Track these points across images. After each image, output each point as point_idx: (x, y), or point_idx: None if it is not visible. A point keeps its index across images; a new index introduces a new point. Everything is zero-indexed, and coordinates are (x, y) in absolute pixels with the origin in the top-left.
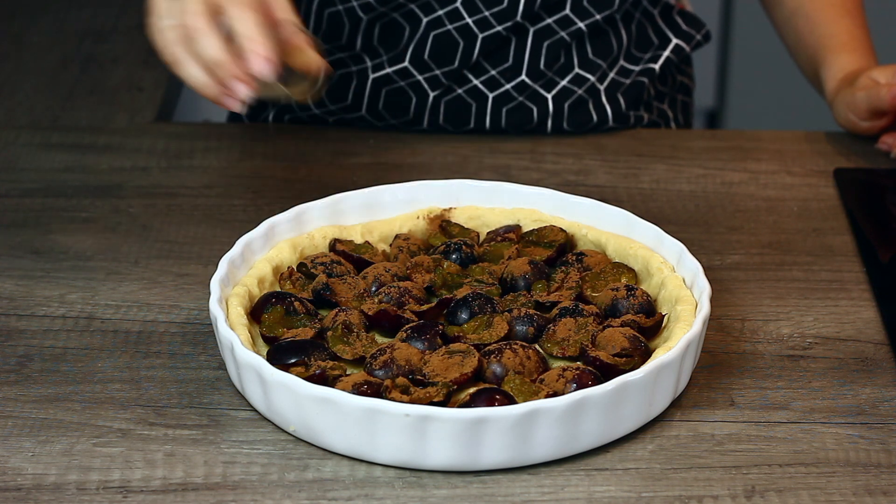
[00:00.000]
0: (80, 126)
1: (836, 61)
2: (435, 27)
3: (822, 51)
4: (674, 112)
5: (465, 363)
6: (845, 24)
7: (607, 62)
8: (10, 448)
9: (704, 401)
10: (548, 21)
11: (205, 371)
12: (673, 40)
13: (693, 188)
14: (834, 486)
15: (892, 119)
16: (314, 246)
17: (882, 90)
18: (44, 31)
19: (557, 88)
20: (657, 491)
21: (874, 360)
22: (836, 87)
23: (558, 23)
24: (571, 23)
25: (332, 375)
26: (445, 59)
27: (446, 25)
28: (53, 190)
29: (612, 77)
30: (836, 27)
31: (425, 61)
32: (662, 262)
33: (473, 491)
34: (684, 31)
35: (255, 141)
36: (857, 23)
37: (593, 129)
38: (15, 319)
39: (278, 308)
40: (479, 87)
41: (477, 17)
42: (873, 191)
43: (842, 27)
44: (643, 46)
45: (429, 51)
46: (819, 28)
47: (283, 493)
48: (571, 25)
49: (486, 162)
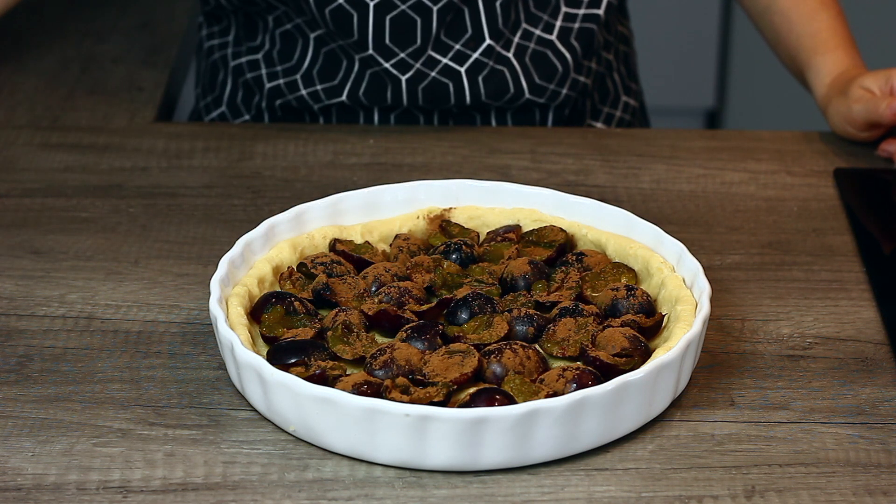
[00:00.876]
0: (80, 126)
1: (822, 64)
2: (388, 10)
3: (804, 52)
4: (617, 62)
5: (465, 363)
6: (823, 19)
7: (549, 11)
8: (10, 448)
9: (704, 401)
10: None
11: (205, 371)
12: None
13: (693, 188)
14: (834, 486)
15: (889, 128)
16: (314, 246)
17: (881, 105)
18: (44, 31)
19: (514, 47)
20: (657, 491)
21: (874, 360)
22: (826, 94)
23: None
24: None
25: (332, 375)
26: (407, 40)
27: (399, 6)
28: (53, 190)
29: (559, 25)
30: (814, 24)
31: (387, 45)
32: (662, 262)
33: (473, 491)
34: None
35: (255, 141)
36: (832, 14)
37: (560, 81)
38: (15, 319)
39: (278, 308)
40: (449, 64)
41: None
42: (873, 190)
43: (820, 23)
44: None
45: (389, 34)
46: (797, 26)
47: (283, 493)
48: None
49: (486, 162)
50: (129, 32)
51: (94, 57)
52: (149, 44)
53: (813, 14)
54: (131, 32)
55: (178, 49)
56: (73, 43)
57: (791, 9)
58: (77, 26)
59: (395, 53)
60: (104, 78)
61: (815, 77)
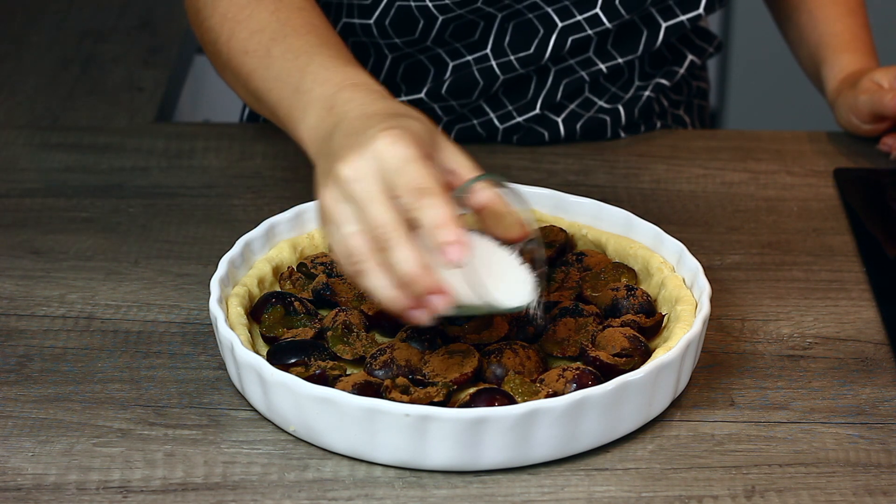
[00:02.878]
0: (80, 126)
1: (837, 61)
2: (459, 70)
3: (824, 49)
4: (690, 117)
5: (465, 363)
6: (848, 23)
7: (619, 85)
8: (10, 448)
9: (704, 401)
10: (570, 62)
11: (205, 371)
12: (688, 56)
13: (693, 188)
14: (834, 486)
15: (893, 122)
16: (314, 246)
17: (886, 96)
18: (44, 31)
19: (567, 112)
20: (657, 491)
21: (874, 360)
22: (836, 88)
23: (580, 64)
24: (593, 64)
25: (332, 375)
26: (463, 95)
27: (470, 67)
28: (53, 190)
29: (624, 97)
30: (838, 25)
31: (442, 96)
32: (662, 262)
33: (473, 491)
34: (697, 46)
35: (255, 141)
36: (859, 22)
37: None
38: (15, 319)
39: (278, 308)
40: (493, 119)
41: (502, 60)
42: (873, 191)
43: (844, 26)
44: (656, 64)
45: (447, 87)
46: (821, 26)
47: (283, 493)
48: (592, 66)
49: (486, 162)
50: (129, 32)
51: (94, 57)
52: (149, 44)
53: (839, 17)
54: (131, 32)
55: (178, 49)
56: (73, 43)
57: (819, 9)
58: (77, 26)
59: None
60: (104, 78)
61: (829, 71)
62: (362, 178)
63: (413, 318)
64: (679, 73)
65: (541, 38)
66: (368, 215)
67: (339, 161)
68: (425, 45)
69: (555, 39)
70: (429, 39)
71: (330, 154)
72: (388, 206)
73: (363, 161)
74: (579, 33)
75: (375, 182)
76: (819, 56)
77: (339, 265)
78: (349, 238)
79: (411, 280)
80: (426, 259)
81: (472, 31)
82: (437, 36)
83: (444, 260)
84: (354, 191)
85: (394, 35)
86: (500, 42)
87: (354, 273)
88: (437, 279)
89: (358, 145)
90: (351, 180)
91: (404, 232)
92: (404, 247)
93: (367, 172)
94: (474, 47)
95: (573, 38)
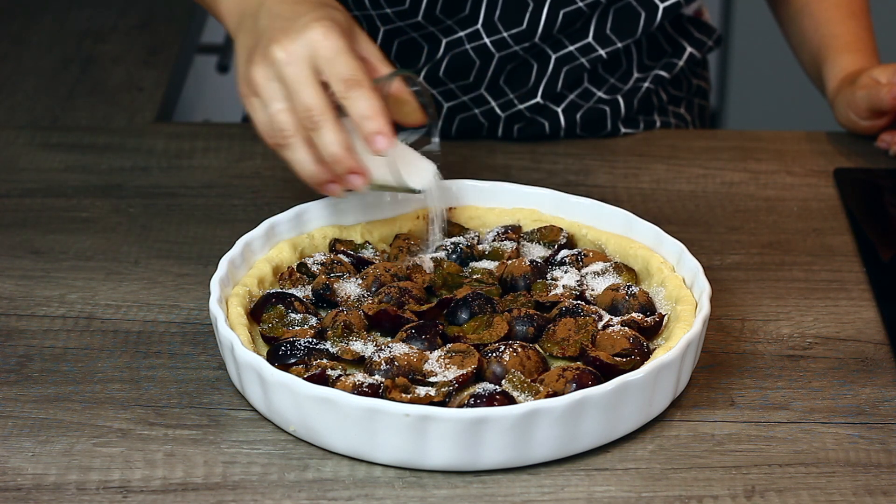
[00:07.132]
0: (80, 126)
1: (838, 61)
2: (453, 47)
3: (826, 50)
4: (691, 116)
5: (465, 363)
6: (850, 26)
7: (619, 75)
8: (10, 448)
9: (704, 401)
10: (570, 48)
11: (205, 371)
12: (687, 49)
13: (693, 188)
14: (834, 486)
15: (892, 119)
16: (314, 246)
17: (882, 90)
18: (44, 31)
19: (567, 102)
20: (657, 491)
21: (874, 360)
22: (837, 87)
23: (580, 50)
24: (593, 50)
25: (332, 376)
26: (460, 76)
27: (464, 45)
28: (53, 190)
29: (623, 88)
30: (840, 27)
31: (440, 79)
32: (662, 262)
33: (473, 491)
34: (696, 39)
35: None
36: (862, 25)
37: (606, 135)
38: (15, 319)
39: (278, 308)
40: (494, 108)
41: (495, 37)
42: (873, 191)
43: (847, 28)
44: (655, 56)
45: (444, 69)
46: (823, 27)
47: (283, 493)
48: (592, 52)
49: (486, 162)
50: (129, 32)
51: (94, 57)
52: (149, 44)
53: (842, 20)
54: (131, 32)
55: (178, 49)
56: (73, 43)
57: (822, 11)
58: (77, 26)
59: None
60: (104, 78)
61: (829, 71)
62: (294, 62)
63: (328, 190)
64: (678, 65)
65: (532, 12)
66: (298, 97)
67: (272, 42)
68: (417, 21)
69: (546, 12)
70: (419, 12)
71: (256, 31)
72: (319, 91)
73: (296, 46)
74: (570, 6)
75: (307, 67)
76: (820, 57)
77: (260, 135)
78: (278, 114)
79: (336, 160)
80: (350, 142)
81: (463, 5)
82: (427, 8)
83: (373, 148)
84: (286, 73)
85: (385, 5)
86: (491, 16)
87: (276, 146)
88: (359, 161)
89: (292, 30)
90: (284, 63)
91: (332, 116)
92: (332, 130)
93: (300, 57)
94: (465, 23)
95: (564, 11)
